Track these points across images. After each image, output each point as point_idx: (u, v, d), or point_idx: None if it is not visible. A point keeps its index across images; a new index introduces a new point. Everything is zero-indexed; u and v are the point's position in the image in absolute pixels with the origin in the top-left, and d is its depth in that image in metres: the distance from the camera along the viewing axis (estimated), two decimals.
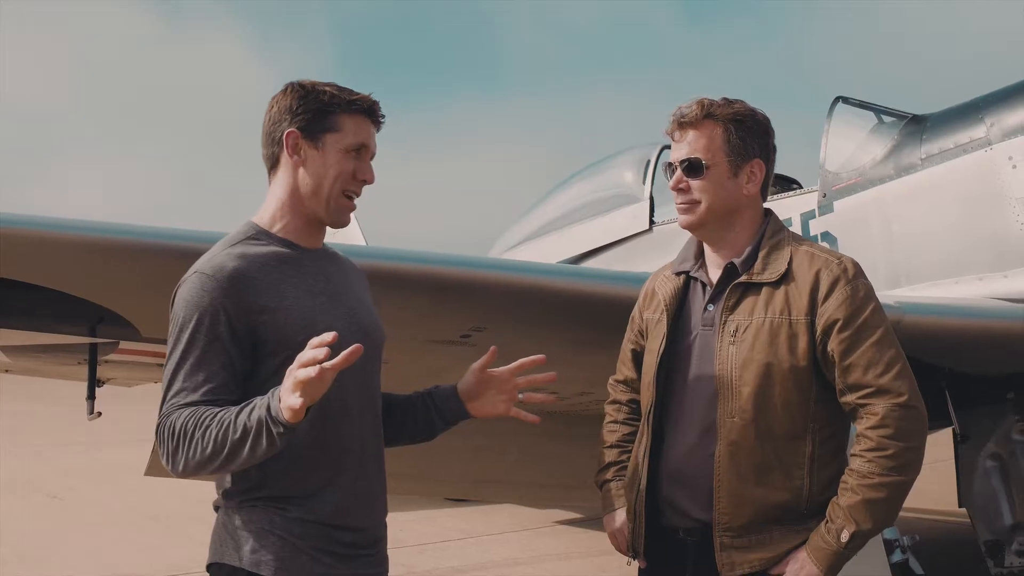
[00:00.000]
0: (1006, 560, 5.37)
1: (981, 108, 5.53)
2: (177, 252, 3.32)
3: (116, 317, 3.84)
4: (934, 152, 5.70)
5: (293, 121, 2.44)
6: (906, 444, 2.58)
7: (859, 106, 6.43)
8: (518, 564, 7.83)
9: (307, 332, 2.29)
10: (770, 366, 2.65)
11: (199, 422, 2.18)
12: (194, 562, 7.94)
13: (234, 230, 2.50)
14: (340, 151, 2.44)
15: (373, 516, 2.50)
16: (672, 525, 2.81)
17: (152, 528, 9.47)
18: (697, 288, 2.88)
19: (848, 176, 6.17)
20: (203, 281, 2.31)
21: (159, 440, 2.25)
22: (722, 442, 2.69)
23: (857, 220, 6.02)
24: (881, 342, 2.63)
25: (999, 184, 5.33)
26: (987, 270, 5.39)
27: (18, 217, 3.42)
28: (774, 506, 2.67)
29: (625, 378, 3.12)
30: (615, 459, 3.08)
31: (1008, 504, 5.51)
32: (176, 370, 2.28)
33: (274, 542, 2.31)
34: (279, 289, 2.36)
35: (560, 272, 4.19)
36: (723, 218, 2.81)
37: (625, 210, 7.94)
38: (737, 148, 2.79)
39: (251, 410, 2.14)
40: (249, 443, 2.13)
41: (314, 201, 2.46)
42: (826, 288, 2.66)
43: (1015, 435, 5.59)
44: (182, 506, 10.36)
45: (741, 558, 2.68)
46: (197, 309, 2.29)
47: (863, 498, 2.57)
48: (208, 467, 2.21)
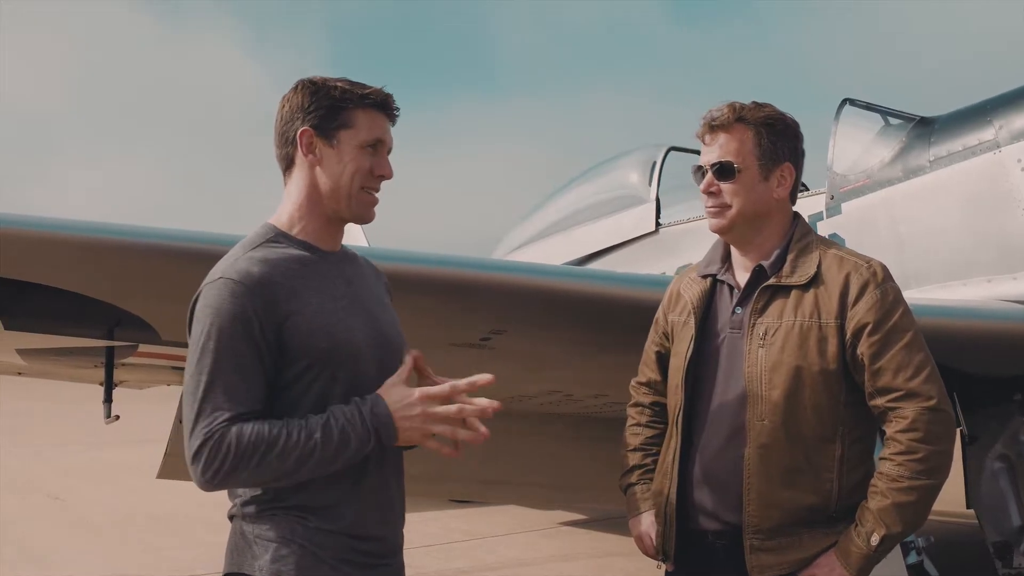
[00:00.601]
0: (1015, 561, 5.39)
1: (989, 110, 5.54)
2: (200, 255, 3.31)
3: (134, 320, 3.84)
4: (942, 154, 5.71)
5: (306, 119, 2.39)
6: (935, 448, 2.60)
7: (866, 108, 6.44)
8: (525, 565, 7.84)
9: (329, 339, 2.31)
10: (800, 369, 2.67)
11: (270, 438, 2.18)
12: (199, 563, 7.95)
13: (252, 232, 2.44)
14: (355, 147, 2.40)
15: (392, 526, 2.48)
16: (700, 528, 2.82)
17: (156, 529, 9.46)
18: (724, 291, 2.89)
19: (856, 178, 6.18)
20: (231, 287, 2.25)
21: (210, 457, 2.18)
22: (751, 445, 2.70)
23: (865, 222, 6.03)
24: (911, 346, 2.65)
25: (1008, 186, 5.34)
26: (996, 272, 5.41)
27: (40, 220, 3.42)
28: (803, 508, 2.68)
29: (648, 380, 3.13)
30: (639, 462, 3.08)
31: (1016, 505, 5.53)
32: (212, 380, 2.21)
33: (295, 551, 2.27)
34: (302, 295, 2.32)
35: (581, 275, 4.20)
36: (753, 221, 2.82)
37: (631, 211, 7.96)
38: (768, 152, 2.80)
39: (340, 426, 2.22)
40: (335, 458, 2.23)
41: (333, 200, 2.42)
42: (856, 291, 2.67)
43: (1023, 436, 5.60)
44: (186, 507, 10.32)
45: (771, 560, 2.69)
46: (228, 316, 2.23)
47: (893, 501, 2.59)
48: (275, 482, 2.24)
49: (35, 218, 3.39)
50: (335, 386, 2.32)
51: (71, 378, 6.56)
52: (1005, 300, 5.25)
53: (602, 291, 3.92)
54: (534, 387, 4.92)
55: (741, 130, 2.80)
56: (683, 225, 7.58)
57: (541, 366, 4.55)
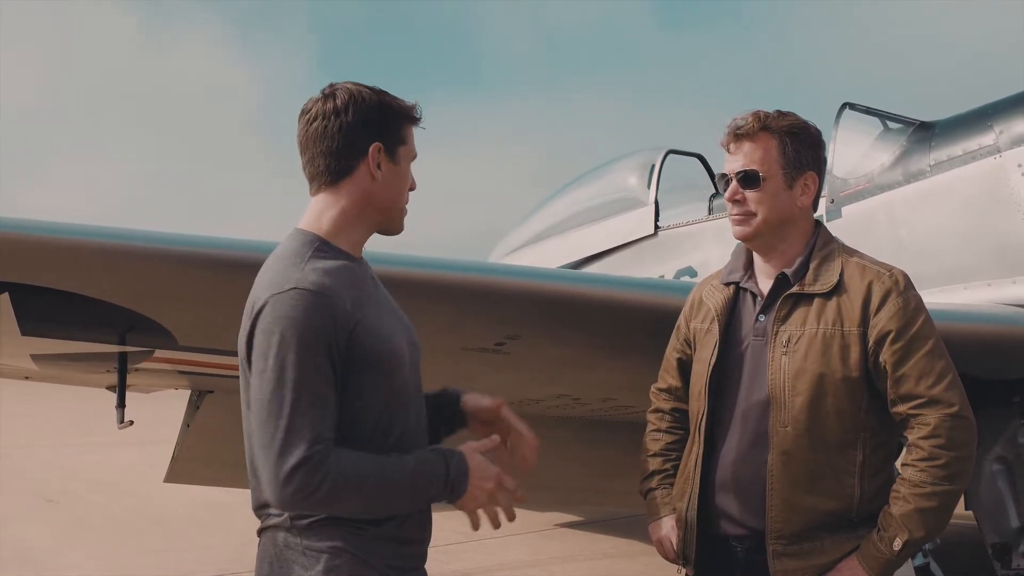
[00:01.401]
0: (1013, 562, 5.41)
1: (990, 115, 5.57)
2: (224, 261, 3.34)
3: (152, 325, 3.85)
4: (943, 159, 5.74)
5: (379, 134, 2.39)
6: (957, 454, 2.64)
7: (866, 112, 6.47)
8: (524, 567, 7.87)
9: (385, 347, 2.33)
10: (823, 376, 2.71)
11: (370, 471, 2.23)
12: (200, 565, 7.95)
13: (293, 241, 2.40)
14: (408, 163, 2.45)
15: (429, 527, 2.50)
16: (722, 533, 2.86)
17: (154, 532, 9.45)
18: (747, 298, 2.93)
19: (856, 182, 6.21)
20: (309, 297, 2.22)
21: (307, 478, 2.15)
22: (775, 451, 2.74)
23: (865, 226, 6.06)
24: (932, 353, 2.69)
25: (1008, 191, 5.38)
26: (996, 276, 5.44)
27: (57, 226, 3.43)
28: (825, 514, 2.72)
29: (668, 386, 3.16)
30: (659, 467, 3.12)
31: (1014, 507, 5.55)
32: (299, 397, 2.18)
33: (347, 560, 2.27)
34: (361, 304, 2.32)
35: (596, 280, 4.23)
36: (777, 229, 2.85)
37: (630, 214, 7.97)
38: (792, 160, 2.84)
39: (427, 472, 2.30)
40: (416, 502, 2.34)
41: (387, 214, 2.45)
42: (878, 300, 2.71)
43: (1021, 439, 5.62)
44: (183, 510, 10.35)
45: (794, 565, 2.73)
46: (307, 328, 2.20)
47: (915, 507, 2.63)
48: (360, 513, 2.28)
49: (59, 224, 3.40)
50: (379, 392, 2.33)
51: (81, 383, 6.56)
52: (1005, 304, 5.29)
53: (617, 296, 3.94)
54: (543, 391, 4.95)
55: (766, 139, 2.84)
56: (682, 228, 7.60)
57: (555, 370, 4.58)
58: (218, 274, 3.41)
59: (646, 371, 3.83)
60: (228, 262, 3.36)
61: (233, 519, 9.83)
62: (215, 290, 3.44)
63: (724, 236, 7.09)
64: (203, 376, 5.38)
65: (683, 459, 3.00)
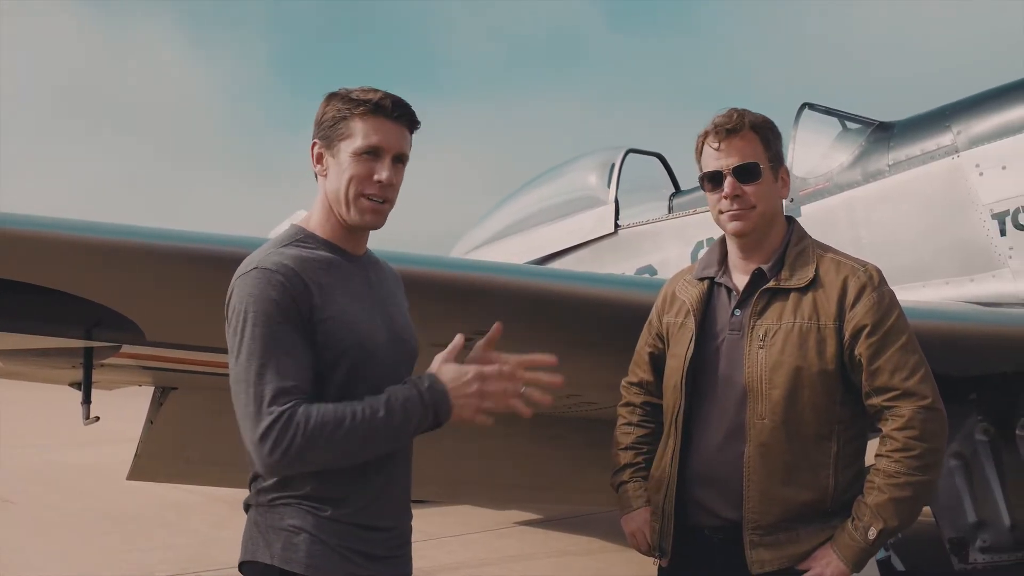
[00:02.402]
0: (970, 557, 5.48)
1: (948, 116, 5.65)
2: (197, 255, 3.32)
3: (116, 320, 3.81)
4: (901, 159, 5.82)
5: (316, 133, 2.50)
6: (930, 445, 2.70)
7: (825, 112, 6.55)
8: (485, 565, 7.88)
9: (352, 337, 2.38)
10: (800, 370, 2.75)
11: (337, 417, 2.25)
12: (163, 564, 7.89)
13: (281, 234, 2.51)
14: (350, 155, 2.44)
15: (401, 517, 2.54)
16: (697, 524, 2.90)
17: (114, 532, 9.31)
18: (722, 293, 2.96)
19: (816, 181, 6.28)
20: (268, 276, 2.31)
21: (279, 436, 2.22)
22: (751, 443, 2.78)
23: (825, 225, 6.11)
24: (906, 347, 2.74)
25: (966, 191, 5.45)
26: (954, 274, 5.52)
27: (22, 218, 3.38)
28: (801, 505, 2.77)
29: (640, 380, 3.18)
30: (631, 461, 3.14)
31: (971, 502, 5.62)
32: (265, 363, 2.26)
33: (305, 539, 2.34)
34: (330, 293, 2.38)
35: (567, 276, 4.23)
36: (769, 222, 2.91)
37: (590, 213, 8.01)
38: (775, 154, 2.91)
39: (401, 404, 2.30)
40: (397, 436, 2.33)
41: (337, 207, 2.48)
42: (854, 295, 2.76)
43: (978, 435, 5.69)
44: (143, 509, 10.26)
45: (770, 556, 2.77)
46: (268, 301, 2.29)
47: (890, 497, 2.68)
48: (342, 461, 2.31)
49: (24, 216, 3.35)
50: (353, 384, 2.38)
51: (46, 379, 6.49)
52: (964, 302, 5.36)
53: (587, 292, 3.96)
54: None
55: (752, 135, 2.88)
56: (642, 227, 7.64)
57: None
58: (188, 268, 3.39)
59: (612, 368, 3.84)
60: (199, 256, 3.34)
61: (193, 518, 9.81)
62: (185, 284, 3.42)
63: (684, 235, 7.17)
64: (168, 372, 5.34)
65: (658, 452, 3.02)
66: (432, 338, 3.99)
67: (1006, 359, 5.07)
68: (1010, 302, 5.23)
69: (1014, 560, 5.08)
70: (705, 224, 6.89)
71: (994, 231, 5.31)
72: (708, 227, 6.86)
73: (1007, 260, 5.27)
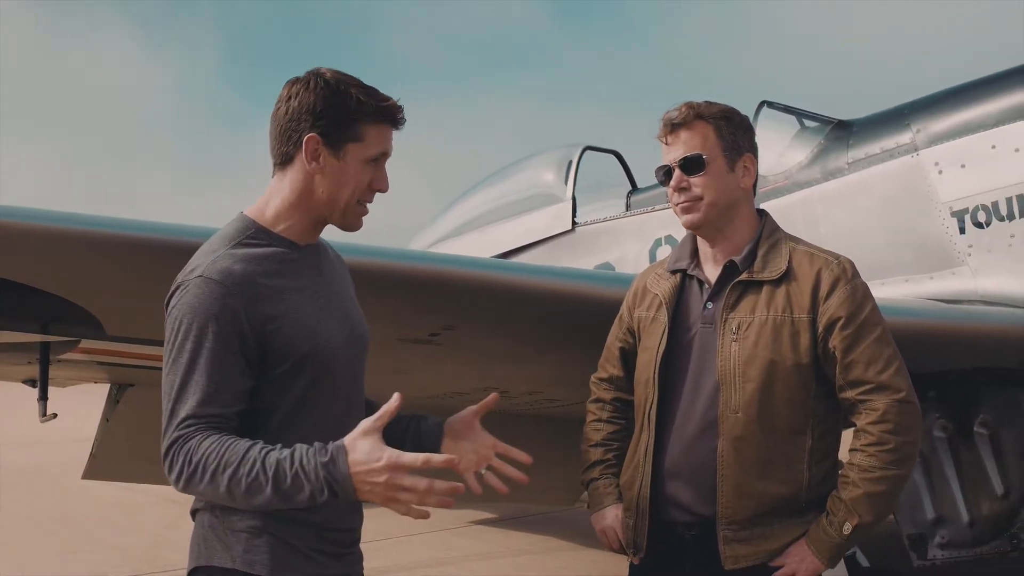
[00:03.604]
0: (929, 553, 5.50)
1: (907, 114, 5.67)
2: (158, 246, 3.24)
3: (76, 313, 3.71)
4: (860, 157, 5.83)
5: (315, 125, 2.29)
6: (905, 439, 2.69)
7: (784, 110, 6.55)
8: (441, 564, 7.83)
9: (311, 341, 2.30)
10: (773, 363, 2.73)
11: (224, 459, 2.10)
12: (110, 566, 7.77)
13: (229, 226, 2.38)
14: (361, 162, 2.33)
15: (357, 517, 2.48)
16: (671, 520, 2.86)
17: (63, 532, 9.15)
18: (694, 286, 2.93)
19: (775, 179, 6.28)
20: (211, 287, 2.21)
21: (172, 461, 2.15)
22: (725, 437, 2.75)
23: (783, 222, 6.03)
24: (880, 340, 2.73)
25: (925, 189, 5.48)
26: (913, 272, 5.55)
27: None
28: (776, 499, 2.75)
29: (610, 376, 3.14)
30: (601, 457, 3.10)
31: (930, 498, 5.65)
32: (185, 382, 2.18)
33: (268, 541, 2.27)
34: (284, 296, 2.29)
35: (536, 271, 4.19)
36: (724, 213, 2.88)
37: (547, 210, 7.97)
38: (730, 143, 2.88)
39: (294, 472, 2.07)
40: (286, 500, 2.10)
41: (328, 209, 2.36)
42: (827, 287, 2.74)
43: (936, 432, 5.71)
44: (90, 510, 10.11)
45: (744, 551, 2.75)
46: (206, 315, 2.19)
47: (865, 491, 2.67)
48: (229, 503, 2.19)
49: None
50: (315, 386, 2.32)
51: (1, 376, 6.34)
52: (923, 299, 5.39)
53: (557, 287, 3.92)
54: (471, 384, 4.91)
55: (702, 126, 2.87)
56: (599, 224, 7.62)
57: (486, 362, 4.55)
58: (149, 258, 3.30)
59: (575, 364, 3.81)
60: (160, 246, 3.26)
61: (145, 519, 9.67)
62: (146, 275, 3.33)
63: (642, 232, 7.16)
64: (125, 368, 5.24)
65: (631, 448, 2.99)
66: (399, 333, 3.97)
67: (965, 356, 5.09)
68: (969, 299, 5.26)
69: (972, 556, 5.11)
70: (663, 221, 6.90)
71: (953, 229, 5.34)
72: (666, 225, 6.88)
73: (966, 258, 5.30)
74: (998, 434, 5.22)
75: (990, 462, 5.21)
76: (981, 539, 5.14)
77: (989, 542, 5.09)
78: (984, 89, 5.38)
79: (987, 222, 5.21)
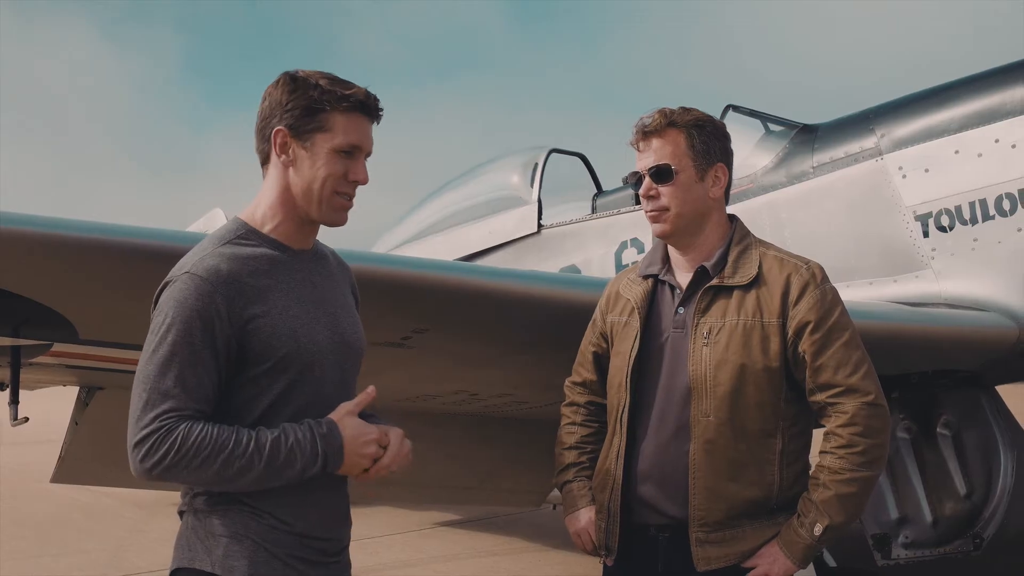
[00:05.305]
0: (893, 552, 5.56)
1: (872, 119, 5.73)
2: (138, 250, 3.22)
3: (48, 317, 3.68)
4: (825, 161, 5.88)
5: (282, 118, 2.34)
6: (874, 440, 2.73)
7: (749, 114, 6.60)
8: (407, 566, 7.83)
9: (291, 343, 2.32)
10: (744, 367, 2.76)
11: (219, 443, 2.20)
12: (75, 570, 7.72)
13: (222, 229, 2.42)
14: (329, 151, 2.35)
15: (339, 528, 2.48)
16: (643, 522, 2.90)
17: (27, 536, 9.05)
18: (666, 291, 2.96)
19: (740, 183, 6.31)
20: (196, 283, 2.25)
21: (154, 448, 2.18)
22: (697, 440, 2.78)
23: (750, 225, 6.12)
24: (849, 343, 2.77)
25: (889, 193, 5.53)
26: (878, 275, 5.59)
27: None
28: (747, 501, 2.78)
29: (584, 380, 3.17)
30: (575, 460, 3.13)
31: (894, 499, 5.70)
32: (165, 372, 2.22)
33: (248, 546, 2.29)
34: (268, 296, 2.32)
35: (508, 275, 4.18)
36: (692, 223, 2.91)
37: (513, 212, 7.98)
38: (701, 152, 2.90)
39: (289, 445, 2.24)
40: (278, 475, 2.25)
41: (305, 203, 2.39)
42: (797, 292, 2.78)
43: (899, 433, 5.76)
44: (58, 514, 10.03)
45: (716, 553, 2.78)
46: (190, 311, 2.23)
47: (835, 493, 2.71)
48: (214, 486, 2.27)
49: None
50: (295, 388, 2.34)
51: None
52: (887, 302, 5.44)
53: (529, 290, 3.93)
54: (442, 387, 4.91)
55: (674, 134, 2.89)
56: (565, 227, 7.64)
57: (456, 365, 4.55)
58: (125, 263, 3.28)
59: (546, 367, 3.83)
60: (135, 250, 3.24)
61: (109, 523, 9.61)
62: (122, 280, 3.31)
63: (607, 235, 7.18)
64: (95, 371, 5.20)
65: (603, 451, 3.01)
66: (371, 337, 3.95)
67: (928, 358, 5.15)
68: (933, 302, 5.32)
69: (936, 555, 5.16)
70: (629, 224, 6.92)
71: (917, 232, 5.39)
72: (632, 227, 6.91)
73: (930, 261, 5.36)
74: (960, 435, 5.28)
75: (953, 463, 5.27)
76: (944, 539, 5.20)
77: (952, 541, 5.14)
78: (948, 94, 5.44)
79: (950, 226, 5.27)
